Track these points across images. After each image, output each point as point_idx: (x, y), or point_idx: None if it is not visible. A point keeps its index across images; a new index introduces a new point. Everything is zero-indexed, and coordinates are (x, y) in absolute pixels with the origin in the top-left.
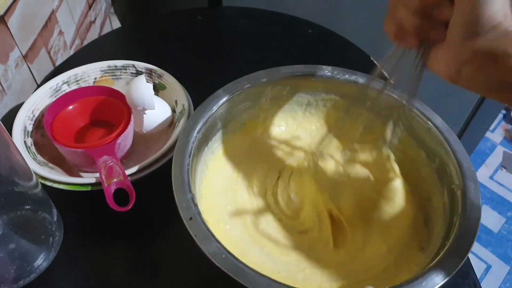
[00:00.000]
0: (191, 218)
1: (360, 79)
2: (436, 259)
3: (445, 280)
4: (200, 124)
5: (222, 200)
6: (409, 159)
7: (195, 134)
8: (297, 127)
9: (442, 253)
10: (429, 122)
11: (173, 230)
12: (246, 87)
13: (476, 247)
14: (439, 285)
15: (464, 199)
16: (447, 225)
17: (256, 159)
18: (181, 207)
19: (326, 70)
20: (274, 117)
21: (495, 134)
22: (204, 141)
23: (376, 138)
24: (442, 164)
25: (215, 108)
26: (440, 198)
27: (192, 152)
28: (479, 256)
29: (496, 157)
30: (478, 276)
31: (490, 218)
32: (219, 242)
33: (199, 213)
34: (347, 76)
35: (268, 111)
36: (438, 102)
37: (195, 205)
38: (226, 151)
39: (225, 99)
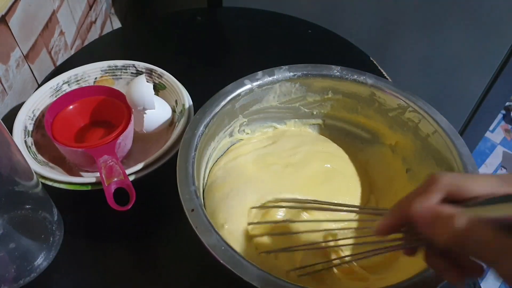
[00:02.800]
0: (193, 210)
1: (369, 79)
2: None
3: (445, 281)
4: (208, 119)
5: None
6: (416, 162)
7: (201, 128)
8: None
9: None
10: (436, 125)
11: (173, 229)
12: (255, 84)
13: None
14: (438, 286)
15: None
16: None
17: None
18: (184, 198)
19: (335, 70)
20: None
21: (495, 134)
22: (211, 137)
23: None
24: (448, 167)
25: (223, 103)
26: None
27: (198, 145)
28: None
29: (496, 157)
30: None
31: None
32: (219, 235)
33: (201, 205)
34: (355, 76)
35: (276, 109)
36: (438, 102)
37: (198, 197)
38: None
39: (233, 95)
